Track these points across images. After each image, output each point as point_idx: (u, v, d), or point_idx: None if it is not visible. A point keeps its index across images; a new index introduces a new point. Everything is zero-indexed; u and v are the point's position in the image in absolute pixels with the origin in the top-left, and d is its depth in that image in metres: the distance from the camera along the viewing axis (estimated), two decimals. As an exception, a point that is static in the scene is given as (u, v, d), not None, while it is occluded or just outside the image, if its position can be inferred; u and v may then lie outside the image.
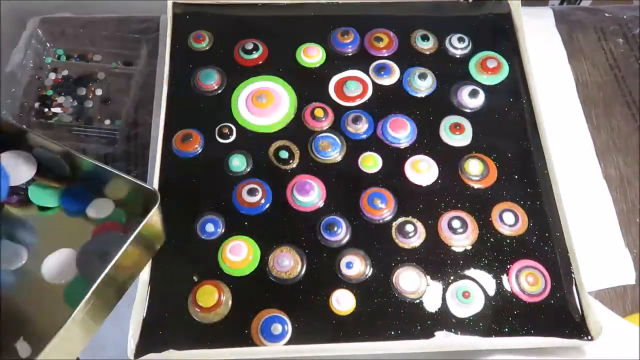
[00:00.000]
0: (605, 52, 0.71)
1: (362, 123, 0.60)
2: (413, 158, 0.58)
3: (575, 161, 0.62)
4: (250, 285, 0.52)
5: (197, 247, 0.53)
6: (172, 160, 0.57)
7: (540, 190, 0.57)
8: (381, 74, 0.63)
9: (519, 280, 0.52)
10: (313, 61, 0.64)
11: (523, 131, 0.60)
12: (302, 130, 0.60)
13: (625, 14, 0.74)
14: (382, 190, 0.56)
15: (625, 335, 0.54)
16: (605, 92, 0.68)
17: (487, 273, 0.53)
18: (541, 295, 0.52)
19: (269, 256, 0.53)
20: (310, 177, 0.57)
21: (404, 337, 0.50)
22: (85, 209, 0.52)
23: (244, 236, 0.54)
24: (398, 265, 0.53)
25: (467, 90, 0.62)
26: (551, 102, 0.63)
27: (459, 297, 0.51)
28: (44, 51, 0.70)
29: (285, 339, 0.50)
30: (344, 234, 0.54)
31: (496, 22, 0.67)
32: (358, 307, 0.51)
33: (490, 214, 0.56)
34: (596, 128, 0.66)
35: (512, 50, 0.65)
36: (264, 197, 0.56)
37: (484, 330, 0.50)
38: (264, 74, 0.63)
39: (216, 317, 0.50)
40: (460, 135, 0.59)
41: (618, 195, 0.61)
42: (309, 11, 0.67)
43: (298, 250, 0.53)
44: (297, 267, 0.52)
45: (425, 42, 0.65)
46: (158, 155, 0.57)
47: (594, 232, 0.58)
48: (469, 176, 0.57)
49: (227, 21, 0.67)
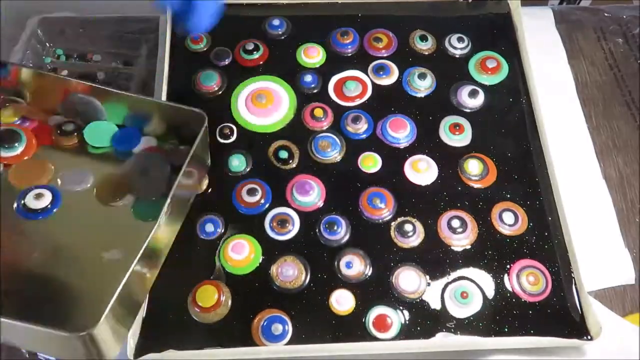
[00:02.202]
0: (605, 52, 0.71)
1: (362, 123, 0.60)
2: (412, 158, 0.58)
3: (574, 161, 0.62)
4: (250, 284, 0.52)
5: (196, 246, 0.53)
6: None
7: (540, 190, 0.57)
8: (380, 74, 0.63)
9: (519, 280, 0.52)
10: (313, 61, 0.64)
11: (523, 131, 0.60)
12: (302, 130, 0.60)
13: (625, 14, 0.74)
14: (382, 190, 0.56)
15: (625, 335, 0.54)
16: (605, 92, 0.68)
17: (486, 273, 0.53)
18: (542, 294, 0.52)
19: (273, 265, 0.53)
20: (310, 177, 0.57)
21: (404, 337, 0.50)
22: (132, 149, 0.55)
23: (246, 235, 0.54)
24: (397, 265, 0.53)
25: (467, 90, 0.62)
26: (551, 102, 0.63)
27: (457, 297, 0.51)
28: (44, 51, 0.70)
29: (285, 339, 0.50)
30: (344, 234, 0.54)
31: (496, 22, 0.68)
32: (358, 307, 0.51)
33: (490, 213, 0.56)
34: (596, 128, 0.66)
35: (511, 50, 0.65)
36: (263, 197, 0.56)
37: (484, 330, 0.50)
38: (265, 74, 0.63)
39: (216, 317, 0.50)
40: (460, 135, 0.60)
41: (618, 195, 0.61)
42: (309, 11, 0.67)
43: (302, 259, 0.53)
44: (302, 276, 0.52)
45: (424, 42, 0.65)
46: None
47: (593, 232, 0.58)
48: (469, 176, 0.57)
49: (226, 21, 0.66)
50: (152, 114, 0.54)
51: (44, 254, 0.49)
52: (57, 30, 0.71)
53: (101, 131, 0.56)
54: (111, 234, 0.51)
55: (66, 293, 0.48)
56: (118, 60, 0.70)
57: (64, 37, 0.70)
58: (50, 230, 0.51)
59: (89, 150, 0.55)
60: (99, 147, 0.55)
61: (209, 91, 0.62)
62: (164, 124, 0.55)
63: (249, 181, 0.56)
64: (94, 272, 0.48)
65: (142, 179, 0.53)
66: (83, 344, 0.42)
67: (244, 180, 0.57)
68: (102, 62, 0.69)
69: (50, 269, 0.48)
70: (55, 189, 0.52)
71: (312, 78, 0.62)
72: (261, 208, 0.55)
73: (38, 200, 0.51)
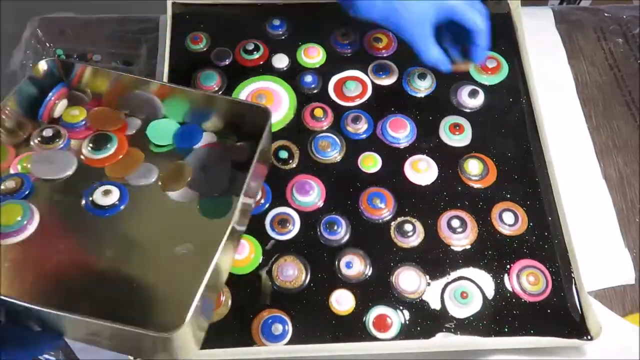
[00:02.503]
0: (605, 52, 0.71)
1: (362, 123, 0.60)
2: (412, 158, 0.58)
3: (574, 161, 0.62)
4: (250, 284, 0.52)
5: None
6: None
7: (540, 190, 0.57)
8: (379, 74, 0.63)
9: (519, 280, 0.52)
10: (314, 61, 0.64)
11: (523, 131, 0.60)
12: (302, 130, 0.60)
13: (625, 14, 0.74)
14: (382, 190, 0.56)
15: (625, 335, 0.54)
16: (605, 92, 0.68)
17: (486, 273, 0.53)
18: (542, 294, 0.52)
19: (273, 265, 0.53)
20: (310, 177, 0.57)
21: (404, 337, 0.50)
22: (193, 146, 0.55)
23: (246, 234, 0.54)
24: (397, 265, 0.53)
25: (467, 90, 0.62)
26: (551, 102, 0.63)
27: (457, 297, 0.51)
28: (44, 51, 0.70)
29: (285, 339, 0.50)
30: (344, 233, 0.54)
31: (496, 22, 0.67)
32: (358, 307, 0.51)
33: (490, 213, 0.56)
34: (596, 128, 0.66)
35: (511, 50, 0.65)
36: (263, 197, 0.55)
37: (484, 330, 0.50)
38: (265, 74, 0.63)
39: (216, 317, 0.50)
40: (460, 135, 0.60)
41: (618, 195, 0.61)
42: (309, 11, 0.67)
43: (302, 259, 0.53)
44: (302, 276, 0.52)
45: (425, 42, 0.65)
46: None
47: (593, 232, 0.58)
48: (469, 176, 0.57)
49: (226, 21, 0.67)
50: (213, 109, 0.54)
51: (117, 251, 0.48)
52: (57, 30, 0.71)
53: (163, 129, 0.55)
54: (181, 229, 0.50)
55: (144, 292, 0.46)
56: (118, 60, 0.70)
57: (63, 37, 0.71)
58: (120, 227, 0.50)
59: (152, 149, 0.55)
60: (162, 146, 0.55)
61: (209, 91, 0.61)
62: (224, 119, 0.55)
63: (249, 181, 0.56)
64: (170, 269, 0.47)
65: (204, 175, 0.53)
66: (163, 345, 0.41)
67: (244, 180, 0.57)
68: (102, 62, 0.69)
69: (125, 267, 0.47)
70: (122, 185, 0.51)
71: (312, 78, 0.62)
72: (261, 208, 0.55)
73: (106, 197, 0.50)
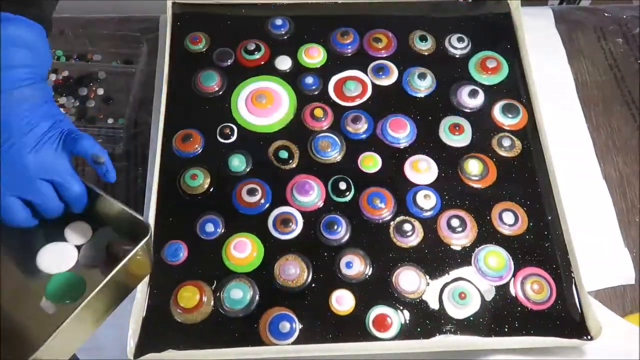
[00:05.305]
0: (605, 52, 0.71)
1: (362, 123, 0.60)
2: (412, 158, 0.58)
3: (574, 161, 0.62)
4: (254, 283, 0.52)
5: (196, 246, 0.53)
6: (172, 160, 0.58)
7: (540, 190, 0.57)
8: (379, 75, 0.63)
9: (524, 288, 0.52)
10: (314, 61, 0.64)
11: (523, 131, 0.60)
12: (302, 130, 0.60)
13: (625, 14, 0.74)
14: (382, 190, 0.56)
15: (625, 335, 0.54)
16: (605, 92, 0.68)
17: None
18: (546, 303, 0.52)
19: (275, 264, 0.53)
20: (310, 177, 0.57)
21: (404, 337, 0.50)
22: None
23: (248, 233, 0.54)
24: (397, 264, 0.53)
25: (467, 90, 0.62)
26: (551, 102, 0.63)
27: (455, 298, 0.51)
28: (44, 51, 0.70)
29: (293, 337, 0.49)
30: (344, 233, 0.54)
31: (496, 22, 0.68)
32: (358, 307, 0.51)
33: (489, 213, 0.56)
34: (596, 128, 0.66)
35: (511, 50, 0.65)
36: (263, 197, 0.56)
37: (484, 330, 0.50)
38: (265, 74, 0.63)
39: (200, 317, 0.50)
40: (460, 135, 0.59)
41: (618, 196, 0.61)
42: (309, 11, 0.67)
43: (303, 257, 0.53)
44: (304, 274, 0.52)
45: (424, 42, 0.65)
46: (158, 155, 0.57)
47: (593, 232, 0.58)
48: (469, 176, 0.57)
49: (227, 21, 0.67)
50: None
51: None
52: (57, 30, 0.71)
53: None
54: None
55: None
56: (118, 60, 0.70)
57: (63, 37, 0.70)
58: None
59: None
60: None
61: (209, 91, 0.62)
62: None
63: (249, 181, 0.56)
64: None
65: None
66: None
67: (244, 180, 0.57)
68: (102, 62, 0.69)
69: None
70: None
71: (313, 78, 0.62)
72: (261, 208, 0.55)
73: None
